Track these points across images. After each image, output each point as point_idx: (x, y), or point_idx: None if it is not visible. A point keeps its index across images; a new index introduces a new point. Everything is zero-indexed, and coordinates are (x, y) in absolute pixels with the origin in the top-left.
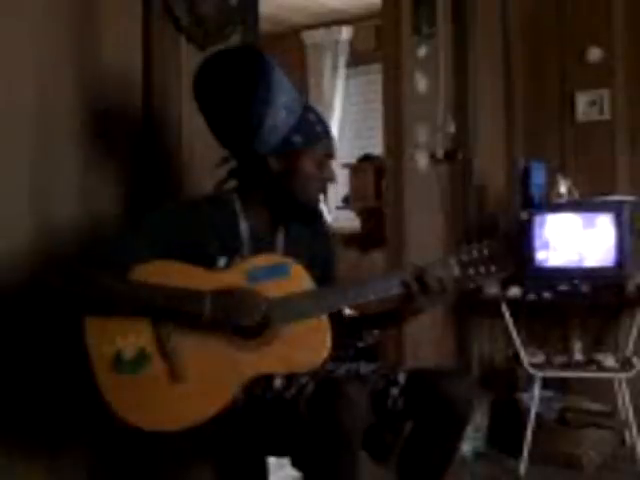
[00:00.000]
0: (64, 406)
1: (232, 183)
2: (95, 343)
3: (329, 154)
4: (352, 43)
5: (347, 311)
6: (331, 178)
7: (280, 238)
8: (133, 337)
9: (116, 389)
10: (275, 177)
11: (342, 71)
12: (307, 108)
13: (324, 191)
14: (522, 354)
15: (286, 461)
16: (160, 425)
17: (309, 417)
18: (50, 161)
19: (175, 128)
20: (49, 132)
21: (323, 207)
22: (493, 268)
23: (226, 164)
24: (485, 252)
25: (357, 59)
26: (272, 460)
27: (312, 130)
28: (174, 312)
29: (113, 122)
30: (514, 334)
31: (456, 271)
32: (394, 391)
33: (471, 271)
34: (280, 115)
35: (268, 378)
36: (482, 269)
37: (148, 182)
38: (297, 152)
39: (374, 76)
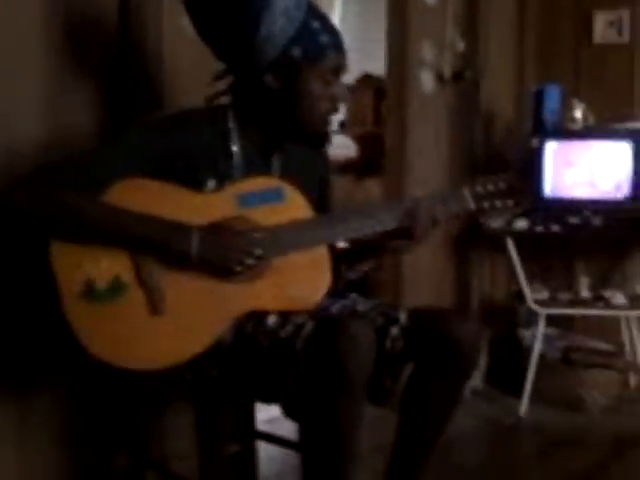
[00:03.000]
0: (32, 338)
1: (226, 98)
2: (63, 269)
3: (338, 69)
4: None
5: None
6: (340, 97)
7: (276, 162)
8: (107, 263)
9: (87, 321)
10: (274, 96)
11: None
12: (312, 14)
13: (334, 111)
14: (526, 290)
15: None
16: (135, 362)
17: (307, 359)
18: (14, 69)
19: (156, 30)
20: (12, 35)
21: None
22: (509, 202)
23: (221, 79)
24: (501, 185)
25: None
26: None
27: (315, 41)
28: (155, 246)
29: (84, 23)
30: (518, 269)
31: (470, 204)
32: (394, 331)
33: (486, 204)
34: (277, 23)
35: (260, 315)
36: (498, 203)
37: (125, 92)
38: (297, 67)
39: None
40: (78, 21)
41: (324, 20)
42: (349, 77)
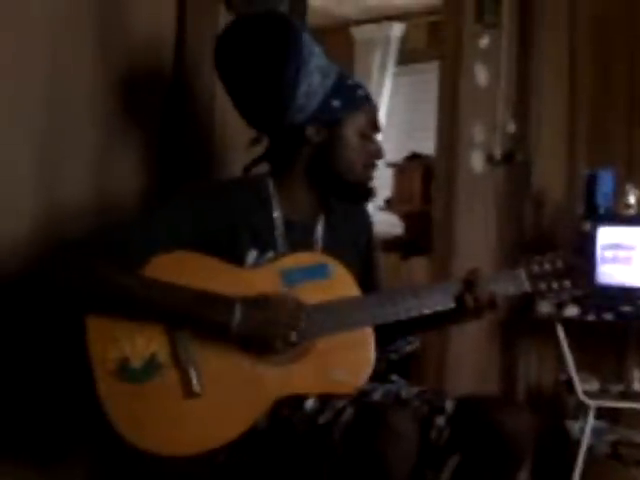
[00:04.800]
0: (60, 415)
1: (264, 167)
2: (98, 346)
3: (373, 124)
4: (403, 40)
5: None
6: (377, 152)
7: (319, 229)
8: (143, 341)
9: (119, 400)
10: (315, 150)
11: (391, 69)
12: (343, 74)
13: (372, 166)
14: (575, 381)
15: None
16: (167, 448)
17: (345, 449)
18: (62, 134)
19: (207, 103)
20: (62, 100)
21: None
22: (567, 283)
23: (257, 145)
24: (559, 264)
25: (407, 57)
26: None
27: (353, 93)
28: (196, 319)
29: (138, 92)
30: (568, 358)
31: (526, 285)
32: (440, 420)
33: (542, 286)
34: (315, 78)
35: (299, 399)
36: (555, 284)
37: (174, 161)
38: (338, 118)
39: (424, 75)
40: (130, 86)
41: (354, 79)
42: (397, 156)
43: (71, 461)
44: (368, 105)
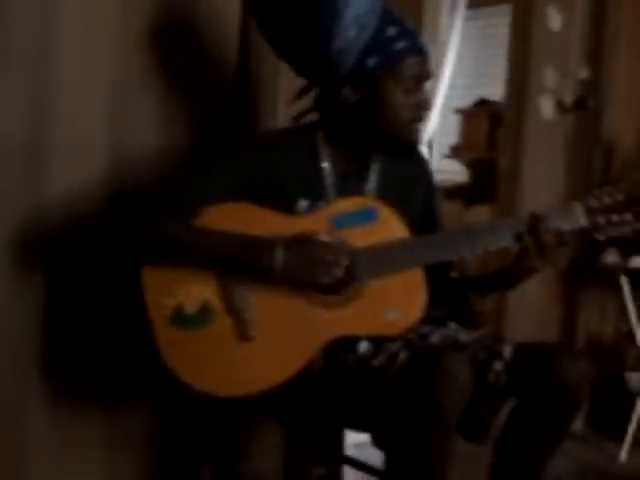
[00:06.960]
0: (122, 360)
1: (314, 115)
2: (154, 294)
3: (419, 76)
4: None
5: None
6: (423, 104)
7: (372, 179)
8: (196, 288)
9: (175, 346)
10: (353, 109)
11: (461, 13)
12: (387, 21)
13: (418, 119)
14: (637, 331)
15: None
16: (223, 389)
17: (400, 391)
18: (132, 86)
19: (273, 60)
20: (131, 53)
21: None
22: (628, 216)
23: (305, 95)
24: (619, 197)
25: (478, 0)
26: None
27: (391, 48)
28: (242, 264)
29: (204, 49)
30: (630, 309)
31: (583, 220)
32: (497, 365)
33: (601, 220)
34: (349, 34)
35: (352, 341)
36: (615, 217)
37: (236, 116)
38: (374, 77)
39: (495, 19)
40: (199, 41)
41: (401, 25)
42: (465, 102)
43: (133, 406)
44: (411, 58)
